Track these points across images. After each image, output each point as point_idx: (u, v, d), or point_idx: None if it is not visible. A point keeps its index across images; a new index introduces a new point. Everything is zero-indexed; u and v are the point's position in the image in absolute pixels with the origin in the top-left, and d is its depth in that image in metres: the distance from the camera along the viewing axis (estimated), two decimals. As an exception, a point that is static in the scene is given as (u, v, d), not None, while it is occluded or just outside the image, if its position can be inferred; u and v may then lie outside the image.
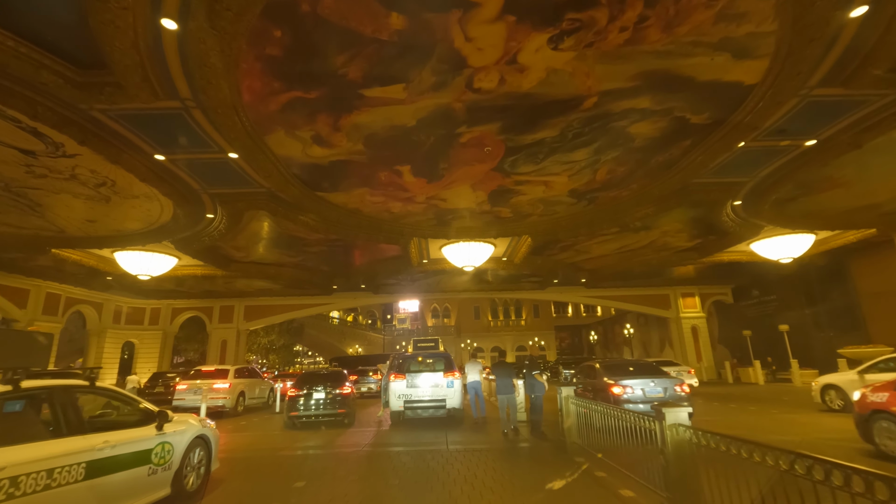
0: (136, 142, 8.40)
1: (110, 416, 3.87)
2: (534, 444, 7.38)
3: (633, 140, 9.08)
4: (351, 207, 12.38)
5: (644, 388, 8.75)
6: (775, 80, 7.00)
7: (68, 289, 21.00)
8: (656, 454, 4.02)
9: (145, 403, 4.16)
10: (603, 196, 12.04)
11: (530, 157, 9.62)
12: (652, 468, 4.29)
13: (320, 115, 7.90)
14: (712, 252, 18.15)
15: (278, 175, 9.95)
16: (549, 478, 5.31)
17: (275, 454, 7.31)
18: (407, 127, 8.26)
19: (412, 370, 10.46)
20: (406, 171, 10.16)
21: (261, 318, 26.70)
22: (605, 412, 5.09)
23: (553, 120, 8.21)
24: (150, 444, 3.91)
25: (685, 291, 26.76)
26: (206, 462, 4.82)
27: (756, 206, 12.77)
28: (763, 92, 7.32)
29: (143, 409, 4.11)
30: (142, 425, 3.96)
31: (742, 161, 10.08)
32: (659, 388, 8.82)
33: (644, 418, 4.29)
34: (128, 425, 3.82)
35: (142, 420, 4.02)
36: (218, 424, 11.45)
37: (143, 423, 4.00)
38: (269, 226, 14.11)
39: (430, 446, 7.47)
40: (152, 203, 11.63)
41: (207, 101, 7.13)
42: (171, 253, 15.94)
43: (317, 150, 9.05)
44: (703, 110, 8.02)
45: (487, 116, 8.02)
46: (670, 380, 9.13)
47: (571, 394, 6.14)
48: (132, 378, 20.67)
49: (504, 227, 14.24)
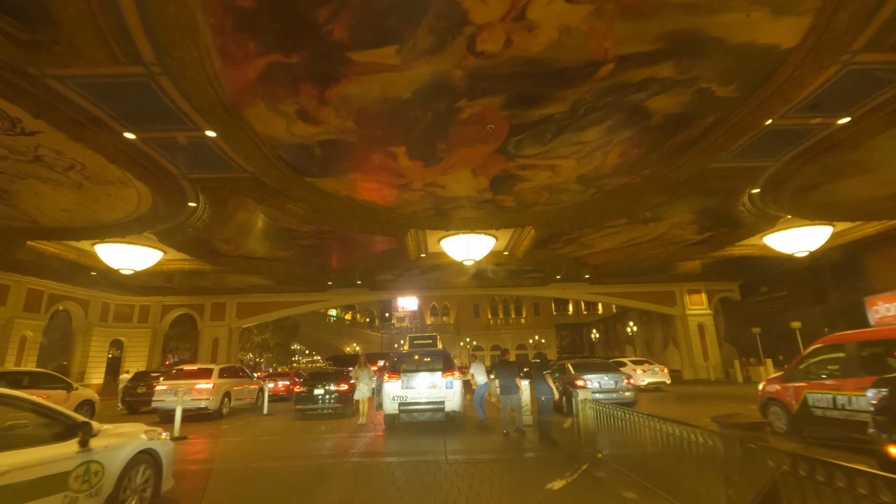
0: (100, 116, 7.56)
1: (17, 430, 3.04)
2: (544, 453, 6.55)
3: (651, 117, 8.26)
4: (343, 195, 11.55)
5: (600, 382, 11.00)
6: (817, 41, 6.18)
7: (51, 285, 20.14)
8: (709, 471, 3.24)
9: (68, 413, 3.34)
10: (613, 183, 11.23)
11: (537, 136, 8.80)
12: (704, 491, 3.48)
13: (304, 86, 7.07)
14: (723, 246, 17.36)
15: (262, 157, 9.11)
16: (569, 499, 4.51)
17: (248, 466, 6.45)
18: (401, 100, 7.43)
19: (408, 369, 9.64)
20: (401, 153, 9.33)
21: (254, 315, 25.89)
22: (639, 422, 4.26)
23: (564, 92, 7.38)
24: (69, 464, 3.09)
25: (691, 288, 25.98)
26: (154, 482, 3.99)
27: (775, 195, 11.97)
28: (801, 57, 6.50)
29: (63, 420, 3.27)
30: (59, 441, 3.14)
31: (766, 143, 9.27)
32: (611, 382, 11.14)
33: (698, 433, 3.46)
34: (37, 442, 3.00)
35: (60, 434, 3.19)
36: (197, 429, 10.76)
37: (62, 438, 3.18)
38: (258, 216, 13.28)
39: (426, 456, 6.62)
40: (129, 190, 10.79)
41: (174, 65, 6.30)
42: (155, 246, 15.09)
43: (302, 127, 8.22)
44: (732, 80, 7.20)
45: (491, 87, 7.19)
46: (620, 375, 11.54)
47: (589, 397, 5.35)
48: (124, 378, 19.79)
49: (506, 218, 13.42)
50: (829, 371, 7.09)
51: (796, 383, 7.53)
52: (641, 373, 18.70)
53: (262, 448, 7.80)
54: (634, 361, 19.82)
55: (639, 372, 18.63)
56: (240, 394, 13.60)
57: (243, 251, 16.82)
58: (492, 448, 7.29)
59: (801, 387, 7.35)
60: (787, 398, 7.71)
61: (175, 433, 8.71)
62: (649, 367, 19.08)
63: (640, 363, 19.58)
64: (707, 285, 26.10)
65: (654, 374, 18.90)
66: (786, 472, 2.36)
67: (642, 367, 19.03)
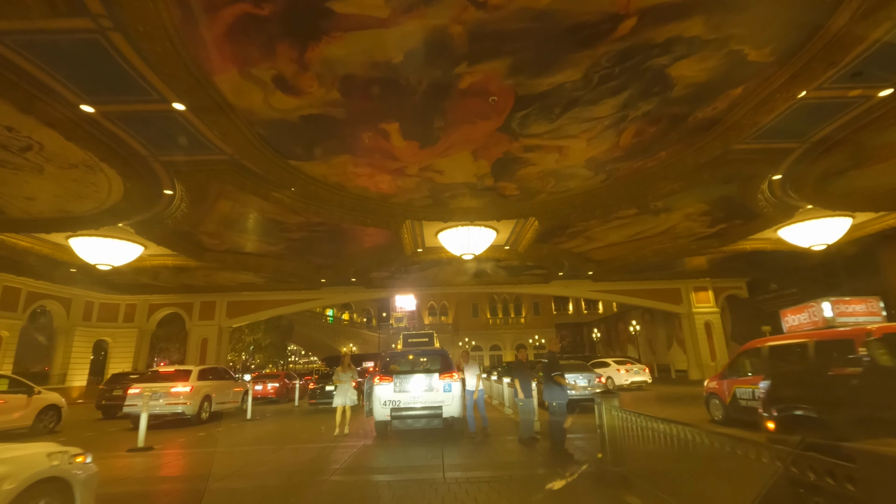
0: (48, 83, 6.64)
1: None
2: (559, 469, 5.59)
3: (672, 87, 7.38)
4: (332, 182, 10.64)
5: (575, 380, 11.92)
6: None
7: (29, 282, 19.15)
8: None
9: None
10: (624, 168, 10.35)
11: (544, 111, 7.90)
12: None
13: (280, 45, 6.17)
14: (735, 239, 16.50)
15: (238, 135, 8.19)
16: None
17: (209, 487, 5.45)
18: (392, 64, 6.54)
19: (401, 371, 8.72)
20: (394, 130, 8.44)
21: (245, 314, 24.90)
22: (696, 439, 3.27)
23: (577, 54, 6.50)
24: None
25: (698, 285, 25.12)
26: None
27: (798, 181, 11.12)
28: (854, 7, 5.63)
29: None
30: None
31: (796, 119, 8.41)
32: (584, 381, 12.49)
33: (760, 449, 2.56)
34: None
35: None
36: (170, 437, 9.60)
37: None
38: (242, 207, 12.35)
39: (419, 473, 5.67)
40: (97, 176, 9.87)
41: (126, 18, 5.40)
42: (134, 240, 14.15)
43: (282, 98, 7.31)
44: (769, 41, 6.33)
45: (494, 48, 6.30)
46: (592, 374, 13.20)
47: (616, 404, 4.47)
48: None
49: (509, 208, 12.53)
50: (750, 369, 8.58)
51: (729, 380, 9.13)
52: (624, 372, 19.54)
53: (234, 461, 6.83)
54: (618, 361, 20.59)
55: (622, 371, 19.52)
56: (222, 397, 12.66)
57: (229, 245, 15.87)
58: (498, 462, 6.36)
59: (733, 382, 8.97)
60: (722, 392, 9.30)
61: (139, 443, 7.78)
62: (631, 367, 19.94)
63: (622, 363, 20.36)
64: (714, 282, 25.24)
65: (636, 374, 19.68)
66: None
67: (625, 367, 19.84)
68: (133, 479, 6.10)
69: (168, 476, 6.20)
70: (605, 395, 4.75)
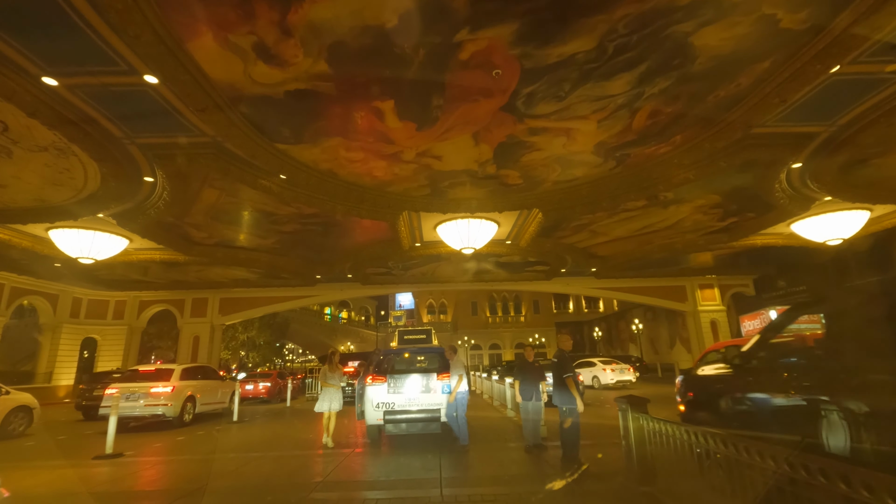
0: (5, 51, 5.96)
1: None
2: (574, 486, 4.87)
3: (694, 60, 6.72)
4: (323, 168, 9.96)
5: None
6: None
7: (12, 277, 18.45)
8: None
9: None
10: (636, 154, 9.69)
11: (553, 87, 7.23)
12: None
13: (259, 5, 5.49)
14: (747, 234, 15.87)
15: (218, 112, 7.51)
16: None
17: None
18: (385, 29, 5.86)
19: (396, 370, 8.05)
20: (389, 109, 7.76)
21: (238, 311, 24.21)
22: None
23: (591, 19, 5.82)
24: None
25: (703, 283, 24.50)
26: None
27: (820, 169, 10.48)
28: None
29: None
30: None
31: (824, 98, 7.75)
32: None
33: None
34: None
35: None
36: (145, 441, 8.76)
37: None
38: (229, 196, 11.67)
39: (413, 490, 4.92)
40: (69, 160, 9.19)
41: (79, -34, 4.72)
42: (118, 232, 13.46)
43: (265, 70, 6.63)
44: (806, 3, 5.66)
45: (499, 10, 5.63)
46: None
47: (645, 411, 3.80)
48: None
49: (511, 198, 11.86)
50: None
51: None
52: (610, 372, 20.28)
53: (206, 472, 6.10)
54: (603, 361, 21.40)
55: (608, 371, 20.30)
56: (208, 398, 11.98)
57: (218, 239, 15.18)
58: (503, 476, 5.64)
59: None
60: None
61: (108, 449, 7.08)
62: (617, 367, 20.71)
63: (608, 363, 21.13)
64: (720, 279, 24.63)
65: (622, 373, 20.38)
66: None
67: (611, 367, 20.57)
68: (79, 494, 5.38)
69: (124, 490, 5.43)
70: (631, 401, 4.08)
